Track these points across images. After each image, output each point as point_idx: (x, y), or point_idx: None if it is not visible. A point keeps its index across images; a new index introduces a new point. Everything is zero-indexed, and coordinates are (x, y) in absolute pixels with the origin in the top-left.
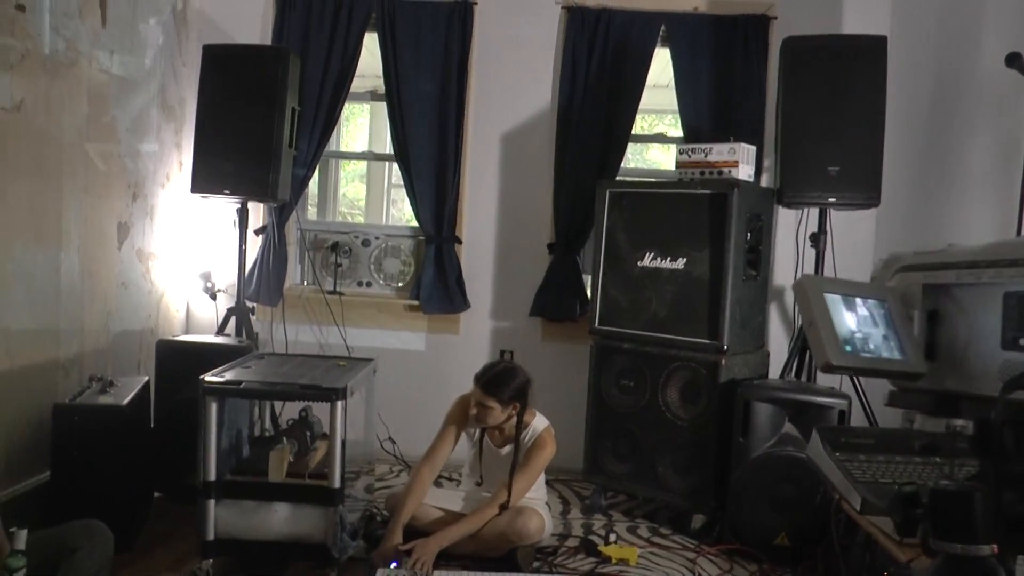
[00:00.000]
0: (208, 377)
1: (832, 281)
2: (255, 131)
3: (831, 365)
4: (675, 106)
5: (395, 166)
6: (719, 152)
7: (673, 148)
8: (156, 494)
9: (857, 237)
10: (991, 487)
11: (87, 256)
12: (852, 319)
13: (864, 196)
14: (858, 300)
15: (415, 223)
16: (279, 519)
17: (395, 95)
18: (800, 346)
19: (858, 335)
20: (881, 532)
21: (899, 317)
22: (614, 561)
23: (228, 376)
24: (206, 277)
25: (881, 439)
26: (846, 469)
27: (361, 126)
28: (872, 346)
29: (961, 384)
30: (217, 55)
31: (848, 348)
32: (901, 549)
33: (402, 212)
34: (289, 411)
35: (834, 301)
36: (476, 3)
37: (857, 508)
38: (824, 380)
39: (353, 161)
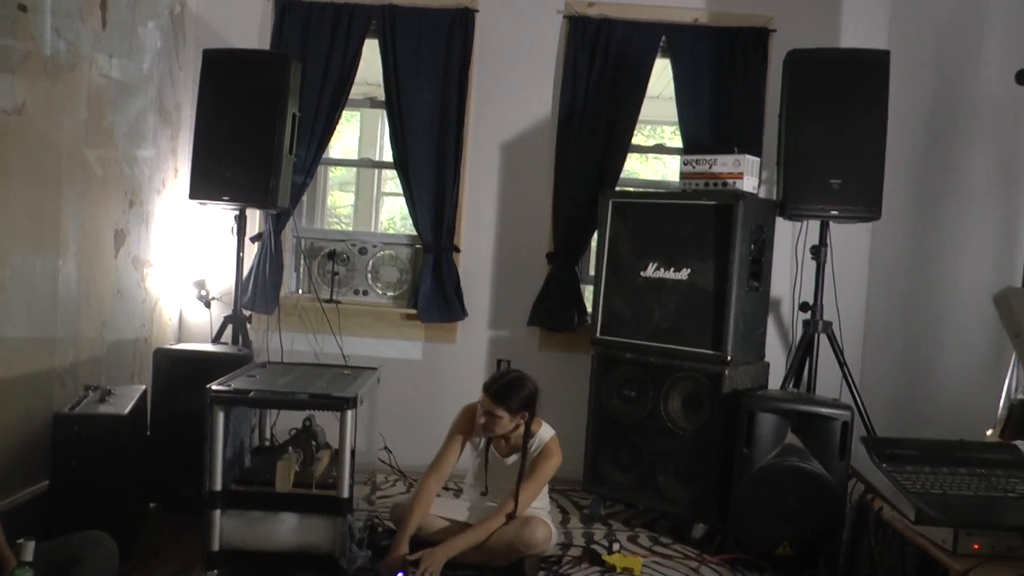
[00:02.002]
0: (215, 386)
1: None
2: (255, 137)
3: None
4: (665, 117)
5: (385, 173)
6: (724, 163)
7: (652, 158)
8: (152, 504)
9: (853, 250)
10: None
11: (84, 263)
12: None
13: (865, 209)
14: None
15: (402, 230)
16: (286, 529)
17: (395, 102)
18: (799, 357)
19: None
20: (932, 543)
21: None
22: (618, 570)
23: (235, 385)
24: (200, 285)
25: (925, 451)
26: (896, 480)
27: (343, 133)
28: None
29: None
30: (216, 60)
31: None
32: (955, 559)
33: (381, 220)
34: (285, 421)
35: None
36: (477, 10)
37: (912, 519)
38: (823, 392)
39: (333, 169)
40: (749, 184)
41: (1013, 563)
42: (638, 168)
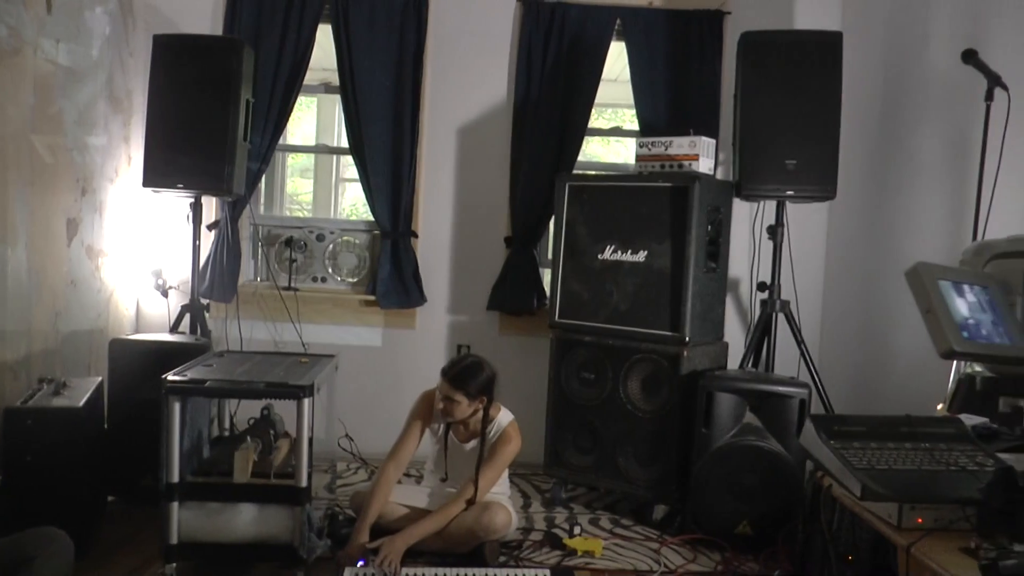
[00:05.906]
0: (171, 376)
1: (943, 268)
2: (208, 124)
3: (954, 351)
4: (624, 101)
5: (344, 160)
6: (679, 145)
7: (613, 141)
8: (111, 497)
9: (810, 229)
10: None
11: (35, 253)
12: (963, 305)
13: (820, 189)
14: (965, 286)
15: (364, 217)
16: (245, 520)
17: (349, 88)
18: (757, 337)
19: (971, 321)
20: (878, 518)
21: (1003, 303)
22: (579, 553)
23: (191, 375)
24: (157, 274)
25: (872, 427)
26: (843, 457)
27: (301, 119)
28: (984, 332)
29: None
30: (168, 46)
31: (965, 334)
32: (900, 534)
33: (343, 207)
34: (247, 410)
35: (947, 288)
36: None
37: (857, 495)
38: (782, 370)
39: (293, 156)
40: (705, 165)
41: (955, 535)
42: (600, 152)
